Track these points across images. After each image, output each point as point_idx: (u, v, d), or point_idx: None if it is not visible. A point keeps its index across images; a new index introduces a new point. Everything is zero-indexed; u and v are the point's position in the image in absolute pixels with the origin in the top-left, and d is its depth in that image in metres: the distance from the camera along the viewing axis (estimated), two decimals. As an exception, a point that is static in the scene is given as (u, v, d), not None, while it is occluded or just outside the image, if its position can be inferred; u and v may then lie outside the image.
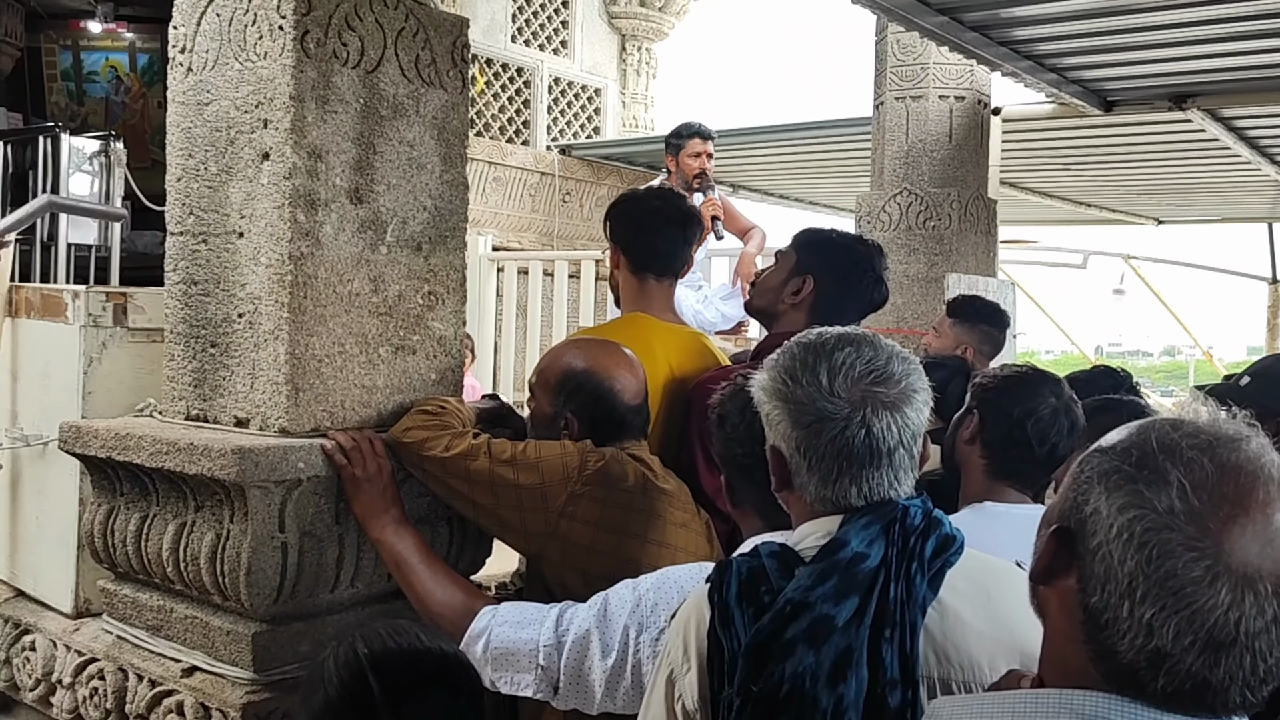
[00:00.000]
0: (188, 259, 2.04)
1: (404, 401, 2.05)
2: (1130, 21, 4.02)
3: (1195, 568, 0.84)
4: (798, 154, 7.68)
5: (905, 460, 1.30)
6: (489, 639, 1.67)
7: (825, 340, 1.32)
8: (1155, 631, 0.85)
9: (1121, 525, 0.88)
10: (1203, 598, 0.84)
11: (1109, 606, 0.88)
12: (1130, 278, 12.96)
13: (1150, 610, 0.85)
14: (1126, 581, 0.86)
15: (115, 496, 2.05)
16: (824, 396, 1.27)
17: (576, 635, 1.62)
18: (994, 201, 5.05)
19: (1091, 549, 0.89)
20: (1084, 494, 0.92)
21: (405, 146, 2.04)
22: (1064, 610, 0.93)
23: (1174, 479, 0.87)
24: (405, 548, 1.87)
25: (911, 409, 1.30)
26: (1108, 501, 0.89)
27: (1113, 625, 0.87)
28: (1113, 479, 0.90)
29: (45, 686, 2.20)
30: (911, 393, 1.31)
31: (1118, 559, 0.87)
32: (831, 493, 1.29)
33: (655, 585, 1.64)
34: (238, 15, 1.94)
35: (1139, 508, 0.87)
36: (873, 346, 1.32)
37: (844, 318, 2.26)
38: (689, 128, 4.98)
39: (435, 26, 2.08)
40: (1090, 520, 0.90)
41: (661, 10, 8.60)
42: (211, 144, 2.00)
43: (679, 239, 2.42)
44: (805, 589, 1.20)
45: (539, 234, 7.66)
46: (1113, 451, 0.93)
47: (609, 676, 1.59)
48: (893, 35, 4.75)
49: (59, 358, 2.32)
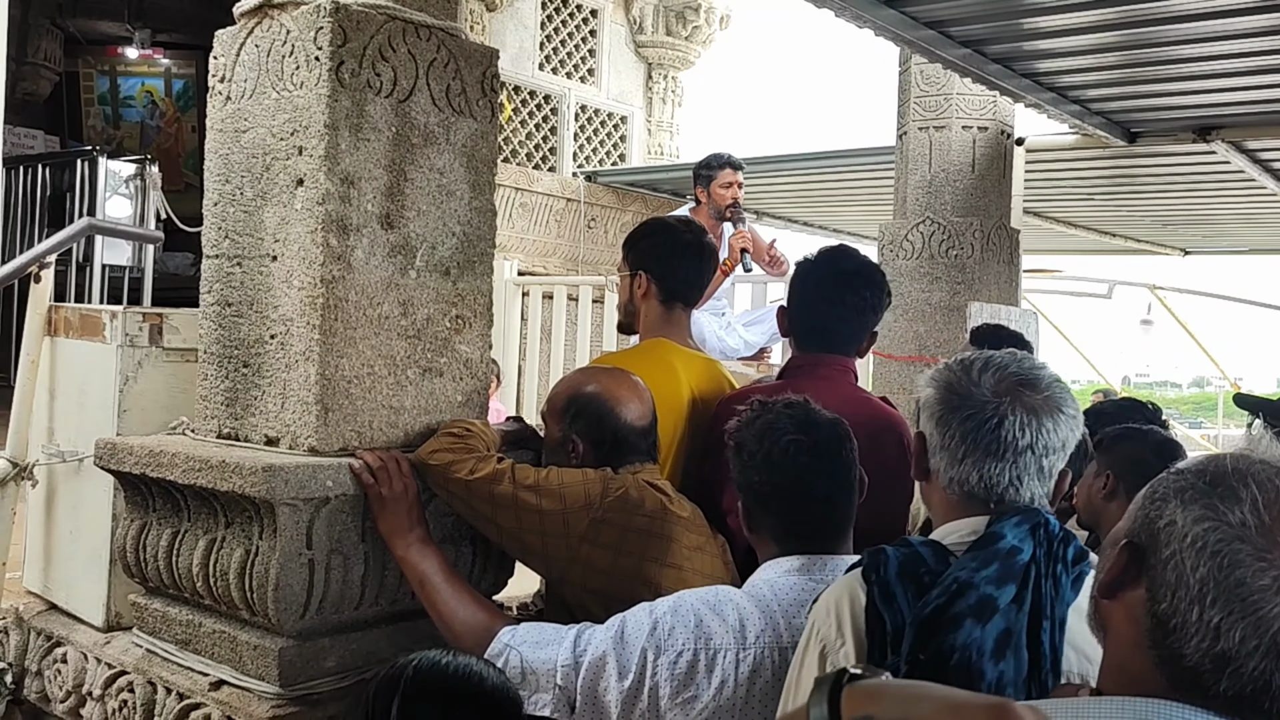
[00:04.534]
0: (222, 281, 2.10)
1: (431, 423, 2.09)
2: (1154, 54, 4.04)
3: (1264, 577, 0.90)
4: (821, 182, 7.71)
5: (1032, 466, 1.37)
6: (508, 659, 1.70)
7: (994, 352, 1.44)
8: (1222, 635, 0.90)
9: (1196, 535, 0.93)
10: (1269, 605, 0.89)
11: (1178, 611, 0.93)
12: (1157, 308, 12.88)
13: (1219, 615, 0.90)
14: (1197, 587, 0.92)
15: (148, 512, 2.10)
16: (973, 383, 1.38)
17: (593, 657, 1.64)
18: (1017, 231, 5.06)
19: (1164, 559, 0.95)
20: (1158, 509, 0.97)
21: (435, 174, 2.09)
22: (1129, 620, 0.98)
23: (1246, 496, 0.93)
24: (429, 566, 1.90)
25: (1050, 420, 1.37)
26: (1184, 514, 0.95)
27: (1180, 630, 0.92)
28: (1188, 494, 0.96)
29: (75, 698, 2.24)
30: (1056, 408, 1.38)
31: (1190, 566, 0.92)
32: (957, 473, 1.39)
33: (671, 609, 1.66)
34: (276, 46, 2.01)
35: (1213, 520, 0.93)
36: (1034, 362, 1.42)
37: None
38: (719, 159, 5.02)
39: (466, 57, 2.13)
40: (1164, 531, 0.96)
41: (688, 40, 8.68)
42: (248, 170, 2.05)
43: (707, 271, 2.50)
44: (971, 570, 1.29)
45: (564, 259, 7.72)
46: (1188, 472, 0.98)
47: (624, 698, 1.61)
48: (916, 66, 4.79)
49: (96, 376, 2.38)
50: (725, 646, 1.59)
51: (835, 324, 2.29)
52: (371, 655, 1.96)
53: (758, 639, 1.60)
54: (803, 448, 1.70)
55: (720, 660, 1.58)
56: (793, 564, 1.70)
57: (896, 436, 2.21)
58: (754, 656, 1.59)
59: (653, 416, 2.07)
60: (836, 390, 2.14)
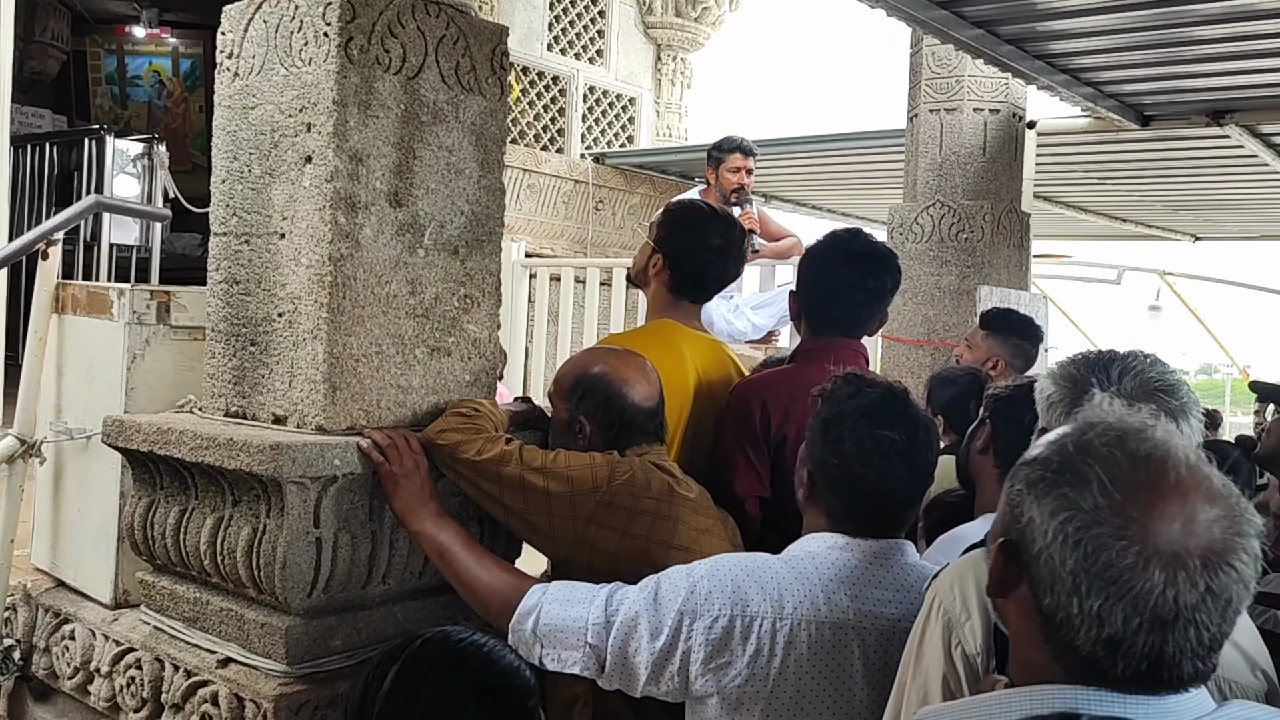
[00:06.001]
0: (230, 259, 2.09)
1: (439, 402, 2.08)
2: (1168, 36, 4.01)
3: (1127, 555, 0.91)
4: (830, 165, 7.67)
5: None
6: (539, 616, 1.68)
7: (1120, 351, 1.43)
8: (1106, 620, 0.91)
9: (1054, 529, 0.94)
10: (1139, 581, 0.90)
11: (1060, 605, 0.94)
12: (1166, 294, 12.82)
13: (1097, 601, 0.92)
14: (1070, 580, 0.93)
15: (155, 490, 2.10)
16: (1110, 385, 1.37)
17: (626, 616, 1.62)
18: (1027, 215, 5.03)
19: (1035, 555, 0.96)
20: (1018, 506, 0.99)
21: (444, 152, 2.07)
22: (1022, 616, 0.99)
23: (1092, 477, 0.94)
24: (447, 537, 1.89)
25: (1186, 425, 1.38)
26: (1039, 509, 0.96)
27: (1067, 622, 0.94)
28: (1039, 487, 0.97)
29: (83, 675, 2.25)
30: (1190, 410, 1.39)
31: (1059, 560, 0.94)
32: None
33: (709, 573, 1.63)
34: (284, 22, 1.99)
35: (1067, 509, 0.94)
36: (1165, 365, 1.43)
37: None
38: (731, 142, 5.00)
39: (475, 34, 2.11)
40: (1028, 529, 0.97)
41: (697, 21, 8.63)
42: (256, 147, 2.04)
43: (725, 275, 2.46)
44: None
45: (572, 241, 7.70)
46: (1036, 462, 0.99)
47: (655, 660, 1.59)
48: (928, 48, 4.75)
49: (103, 354, 2.37)
50: (762, 615, 1.57)
51: (853, 309, 2.28)
52: (379, 634, 1.96)
53: (795, 610, 1.57)
54: (895, 447, 1.65)
55: (756, 628, 1.56)
56: (838, 540, 1.67)
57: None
58: (790, 627, 1.56)
59: (660, 397, 2.06)
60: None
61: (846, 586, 1.61)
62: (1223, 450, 3.02)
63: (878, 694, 1.55)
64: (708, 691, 1.58)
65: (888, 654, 1.58)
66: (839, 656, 1.57)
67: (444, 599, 2.03)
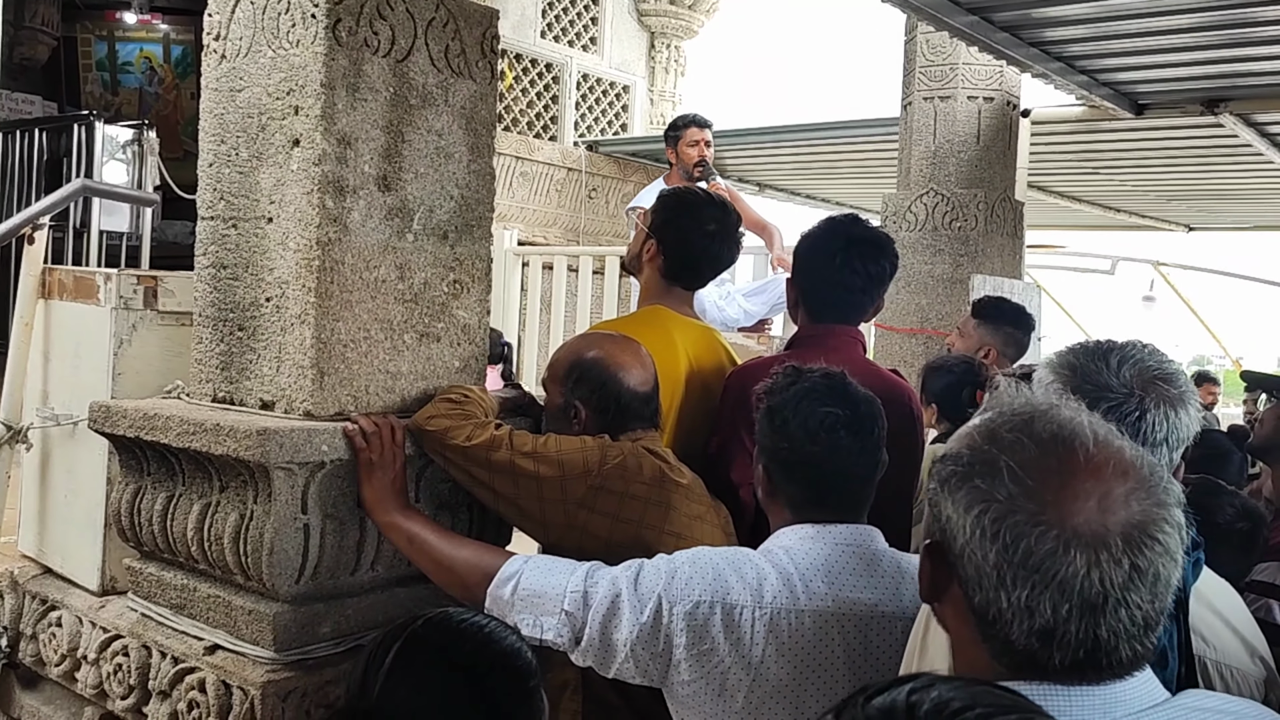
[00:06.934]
0: (217, 243, 2.07)
1: (428, 388, 2.07)
2: (1163, 24, 3.99)
3: (1046, 540, 0.89)
4: (824, 153, 7.66)
5: (1166, 458, 1.37)
6: (519, 581, 1.69)
7: (1118, 340, 1.42)
8: (1035, 610, 0.89)
9: (972, 523, 0.92)
10: (1062, 566, 0.88)
11: (990, 601, 0.91)
12: (1160, 284, 12.85)
13: (1024, 592, 0.89)
14: (995, 574, 0.91)
15: (142, 476, 2.08)
16: (1109, 373, 1.36)
17: (606, 594, 1.63)
18: (1021, 204, 5.02)
19: (959, 553, 0.94)
20: (937, 505, 0.96)
21: (433, 135, 2.05)
22: (958, 618, 0.97)
23: (1002, 465, 0.92)
24: (414, 525, 1.89)
25: (1185, 414, 1.37)
26: (954, 505, 0.94)
27: (1000, 618, 0.91)
28: (952, 482, 0.95)
29: (70, 662, 2.23)
30: (1188, 399, 1.39)
31: (981, 555, 0.91)
32: None
33: (690, 560, 1.65)
34: (271, 3, 1.97)
35: (982, 501, 0.92)
36: (1163, 354, 1.42)
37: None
38: (685, 118, 5.08)
39: (465, 17, 2.09)
40: (949, 527, 0.95)
41: (691, 8, 8.60)
42: (243, 130, 2.02)
43: (720, 261, 2.46)
44: None
45: (564, 229, 7.68)
46: (949, 458, 0.97)
47: (634, 640, 1.60)
48: (922, 35, 4.74)
49: (90, 339, 2.35)
50: (743, 603, 1.58)
51: (854, 295, 2.26)
52: (368, 621, 1.95)
53: (774, 599, 1.58)
54: (839, 421, 1.69)
55: (736, 615, 1.57)
56: (807, 531, 1.69)
57: (906, 408, 2.19)
58: (769, 616, 1.57)
59: (655, 383, 2.05)
60: (847, 360, 2.12)
61: (822, 575, 1.62)
62: (1214, 441, 3.01)
63: (860, 680, 1.56)
64: (691, 678, 1.58)
65: (868, 640, 1.59)
66: (820, 644, 1.58)
67: (434, 586, 2.02)
